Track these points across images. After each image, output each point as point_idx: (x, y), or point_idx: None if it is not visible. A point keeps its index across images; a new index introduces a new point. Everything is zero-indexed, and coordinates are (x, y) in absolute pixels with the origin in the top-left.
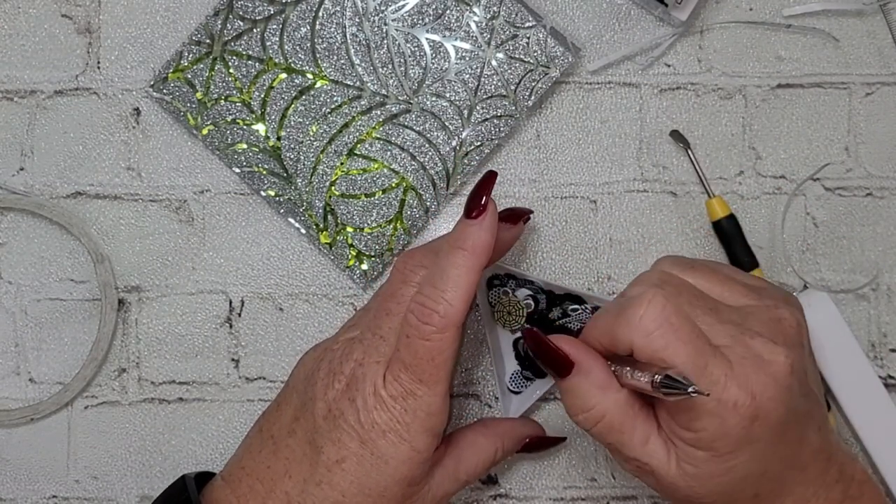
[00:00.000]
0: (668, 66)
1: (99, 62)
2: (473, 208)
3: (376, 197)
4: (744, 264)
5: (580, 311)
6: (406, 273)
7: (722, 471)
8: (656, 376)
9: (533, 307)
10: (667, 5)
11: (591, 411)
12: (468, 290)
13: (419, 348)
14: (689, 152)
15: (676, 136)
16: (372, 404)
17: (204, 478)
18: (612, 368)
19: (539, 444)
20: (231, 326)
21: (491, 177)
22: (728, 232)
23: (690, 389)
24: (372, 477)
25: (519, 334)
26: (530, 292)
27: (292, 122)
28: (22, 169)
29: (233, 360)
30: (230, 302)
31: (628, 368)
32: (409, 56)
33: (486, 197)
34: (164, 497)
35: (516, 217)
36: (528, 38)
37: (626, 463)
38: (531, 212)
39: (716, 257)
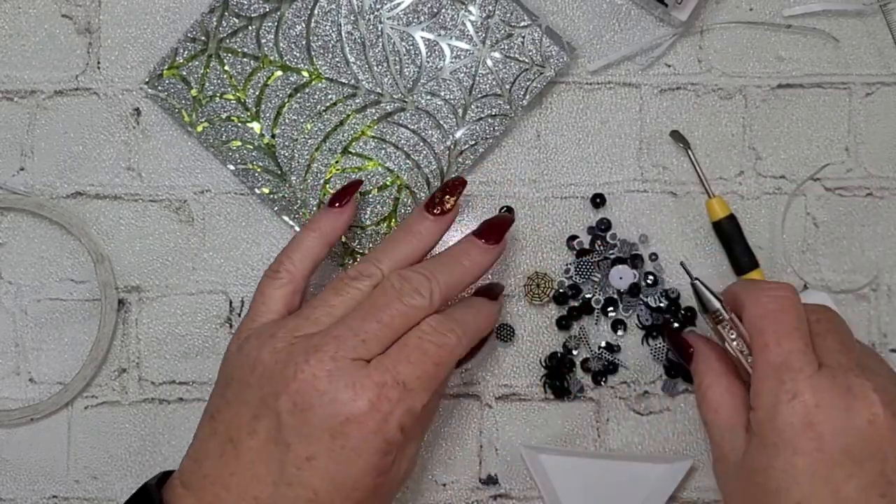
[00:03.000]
0: (669, 66)
1: (99, 62)
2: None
3: (371, 195)
4: (744, 264)
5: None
6: (404, 291)
7: (760, 467)
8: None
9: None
10: (667, 5)
11: (699, 386)
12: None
13: (431, 350)
14: (689, 152)
15: (676, 136)
16: (349, 397)
17: (165, 478)
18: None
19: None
20: (231, 326)
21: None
22: (728, 232)
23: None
24: (344, 471)
25: None
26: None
27: (287, 120)
28: (22, 169)
29: None
30: (230, 302)
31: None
32: (404, 54)
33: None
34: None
35: (494, 293)
36: (524, 37)
37: (713, 449)
38: (504, 287)
39: (716, 257)
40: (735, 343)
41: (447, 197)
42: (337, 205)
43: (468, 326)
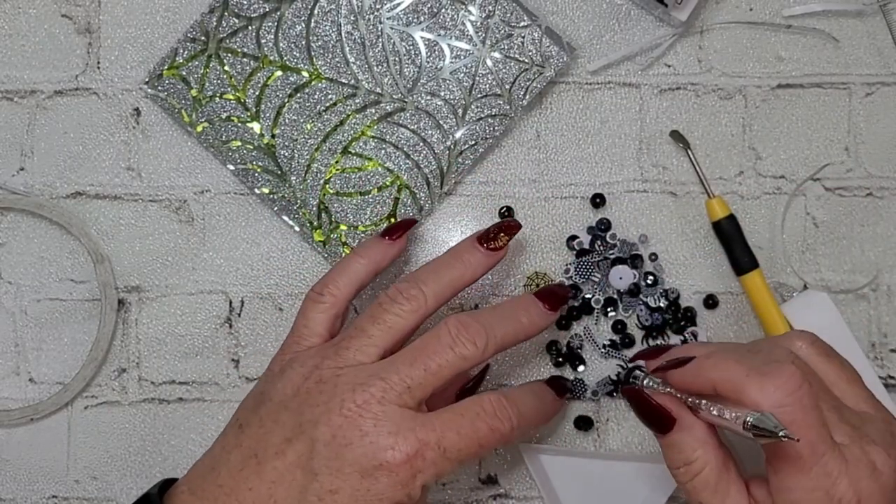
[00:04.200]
0: (668, 66)
1: (99, 62)
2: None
3: (370, 195)
4: (744, 265)
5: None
6: (459, 340)
7: None
8: (748, 417)
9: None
10: (667, 5)
11: (691, 465)
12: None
13: (482, 430)
14: (689, 152)
15: (676, 136)
16: (389, 444)
17: (167, 486)
18: (693, 400)
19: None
20: (231, 326)
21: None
22: (728, 232)
23: (781, 433)
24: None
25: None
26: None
27: (287, 120)
28: (22, 169)
29: (233, 360)
30: (230, 302)
31: (715, 406)
32: (404, 54)
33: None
34: None
35: (561, 389)
36: (524, 37)
37: None
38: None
39: (716, 258)
40: (733, 415)
41: (502, 235)
42: (388, 238)
43: (526, 416)
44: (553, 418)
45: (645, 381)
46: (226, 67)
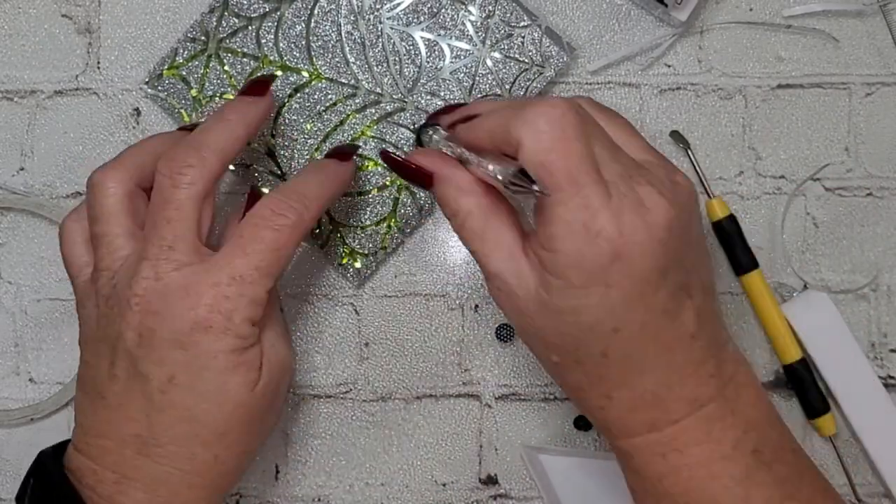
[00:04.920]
0: (668, 66)
1: (99, 62)
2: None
3: (370, 195)
4: (744, 265)
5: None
6: (175, 177)
7: (570, 308)
8: (510, 168)
9: None
10: (666, 6)
11: (456, 215)
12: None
13: (266, 237)
14: (689, 153)
15: (676, 136)
16: (186, 307)
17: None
18: (462, 154)
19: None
20: None
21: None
22: (728, 232)
23: (535, 187)
24: (206, 379)
25: None
26: None
27: (287, 120)
28: (22, 169)
29: None
30: None
31: (488, 161)
32: (404, 54)
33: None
34: (30, 474)
35: (344, 154)
36: (524, 37)
37: (492, 281)
38: (358, 147)
39: (716, 258)
40: (495, 168)
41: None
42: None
43: (310, 195)
44: (345, 186)
45: (431, 137)
46: (226, 67)
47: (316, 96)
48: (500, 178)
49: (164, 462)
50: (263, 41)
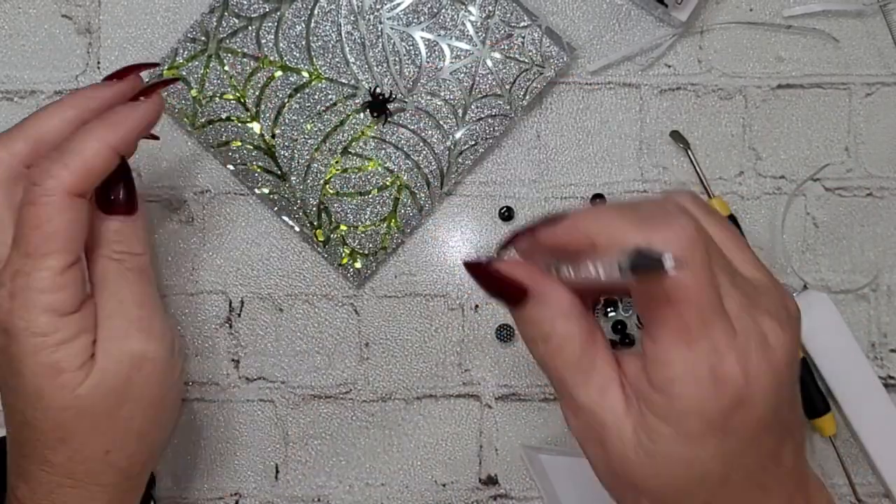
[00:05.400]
0: (669, 66)
1: (99, 62)
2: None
3: (370, 195)
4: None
5: None
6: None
7: (682, 459)
8: (622, 256)
9: None
10: (667, 6)
11: (549, 340)
12: (91, 157)
13: (25, 215)
14: (689, 153)
15: (676, 136)
16: None
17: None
18: (555, 263)
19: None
20: (231, 326)
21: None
22: None
23: (668, 263)
24: (24, 384)
25: None
26: None
27: (287, 120)
28: None
29: (233, 360)
30: (230, 302)
31: (578, 263)
32: (404, 55)
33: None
34: None
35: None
36: (524, 37)
37: (577, 416)
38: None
39: None
40: (600, 266)
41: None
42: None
43: (77, 150)
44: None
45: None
46: (226, 67)
47: (316, 96)
48: (615, 266)
49: (30, 463)
50: (263, 41)
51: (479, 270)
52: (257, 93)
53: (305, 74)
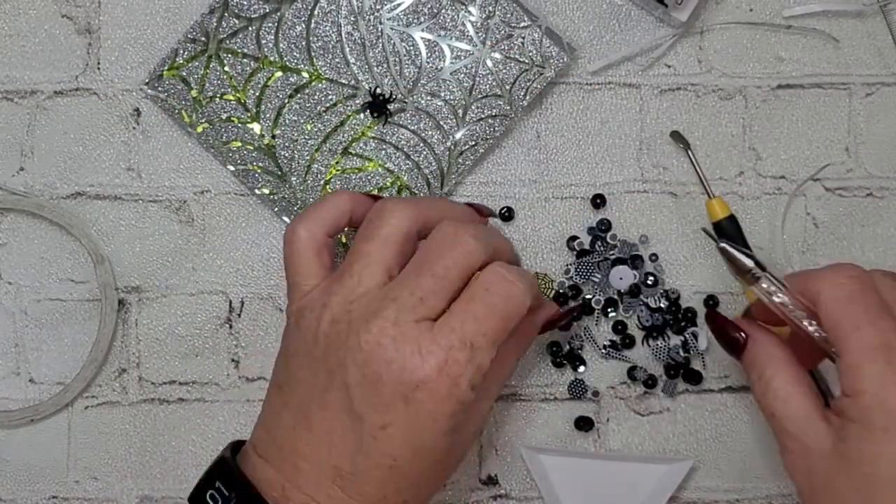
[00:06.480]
0: (669, 66)
1: (99, 63)
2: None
3: None
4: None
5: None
6: (459, 237)
7: (869, 456)
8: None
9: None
10: (667, 6)
11: (762, 377)
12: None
13: (498, 305)
14: (690, 153)
15: (676, 136)
16: (417, 363)
17: (238, 447)
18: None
19: (556, 322)
20: (231, 327)
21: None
22: (728, 233)
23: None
24: (420, 436)
25: None
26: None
27: (287, 121)
28: (22, 169)
29: (233, 360)
30: (230, 302)
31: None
32: (405, 55)
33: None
34: (209, 474)
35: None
36: (524, 37)
37: (785, 443)
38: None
39: (716, 258)
40: (791, 309)
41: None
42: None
43: (528, 276)
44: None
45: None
46: (226, 68)
47: (316, 97)
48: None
49: (356, 498)
50: (263, 42)
51: (719, 319)
52: (257, 93)
53: (305, 75)
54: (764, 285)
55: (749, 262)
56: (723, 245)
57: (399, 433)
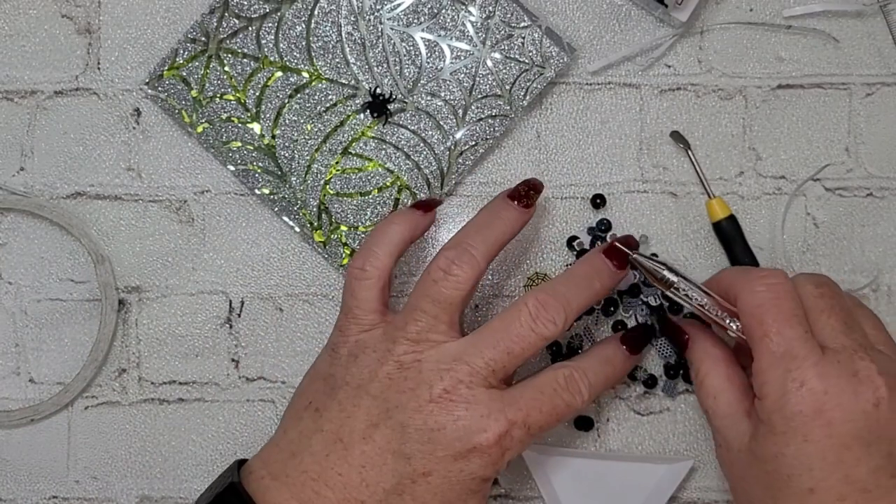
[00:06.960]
0: (669, 66)
1: (99, 63)
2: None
3: (371, 196)
4: (744, 265)
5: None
6: (539, 321)
7: (771, 454)
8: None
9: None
10: (667, 6)
11: (698, 373)
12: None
13: (559, 406)
14: (690, 153)
15: (677, 136)
16: (481, 427)
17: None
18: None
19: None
20: (231, 327)
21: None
22: (728, 233)
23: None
24: (454, 490)
25: None
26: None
27: (287, 121)
28: (22, 169)
29: (233, 360)
30: (230, 302)
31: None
32: (405, 55)
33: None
34: (219, 499)
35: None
36: (524, 37)
37: (714, 437)
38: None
39: (716, 258)
40: (713, 311)
41: (531, 192)
42: (420, 211)
43: (597, 387)
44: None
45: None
46: (226, 68)
47: (316, 97)
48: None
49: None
50: (263, 42)
51: (667, 320)
52: (257, 93)
53: (305, 75)
54: (679, 289)
55: (661, 269)
56: (634, 256)
57: (437, 484)
